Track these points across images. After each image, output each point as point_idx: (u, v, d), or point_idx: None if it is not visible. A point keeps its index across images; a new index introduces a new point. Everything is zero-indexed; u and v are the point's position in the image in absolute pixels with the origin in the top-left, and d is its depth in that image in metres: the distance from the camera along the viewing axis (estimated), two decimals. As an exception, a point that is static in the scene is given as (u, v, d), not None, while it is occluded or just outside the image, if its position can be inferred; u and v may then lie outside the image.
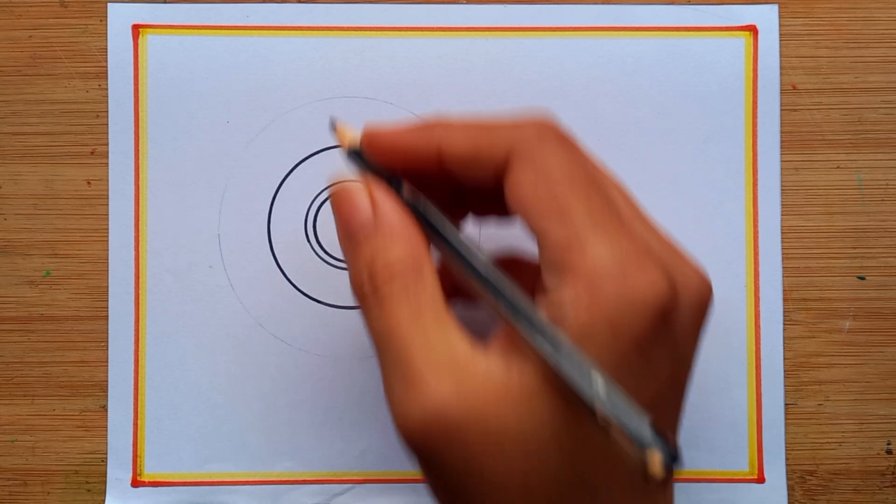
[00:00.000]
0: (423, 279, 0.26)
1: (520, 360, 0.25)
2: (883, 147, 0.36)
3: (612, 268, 0.24)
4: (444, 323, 0.25)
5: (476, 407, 0.24)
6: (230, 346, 0.36)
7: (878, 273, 0.36)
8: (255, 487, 0.36)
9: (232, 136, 0.36)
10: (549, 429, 0.24)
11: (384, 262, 0.26)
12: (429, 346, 0.25)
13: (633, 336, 0.24)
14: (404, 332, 0.25)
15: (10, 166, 0.36)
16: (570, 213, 0.25)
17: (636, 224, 0.27)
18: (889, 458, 0.36)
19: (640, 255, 0.25)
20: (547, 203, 0.25)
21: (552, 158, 0.26)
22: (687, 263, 0.27)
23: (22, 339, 0.36)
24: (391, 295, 0.26)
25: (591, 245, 0.24)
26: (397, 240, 0.26)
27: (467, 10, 0.36)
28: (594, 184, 0.26)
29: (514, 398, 0.24)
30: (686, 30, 0.36)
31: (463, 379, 0.24)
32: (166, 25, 0.36)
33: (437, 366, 0.25)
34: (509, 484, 0.25)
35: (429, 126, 0.27)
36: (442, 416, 0.24)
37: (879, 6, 0.36)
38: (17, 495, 0.36)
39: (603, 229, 0.25)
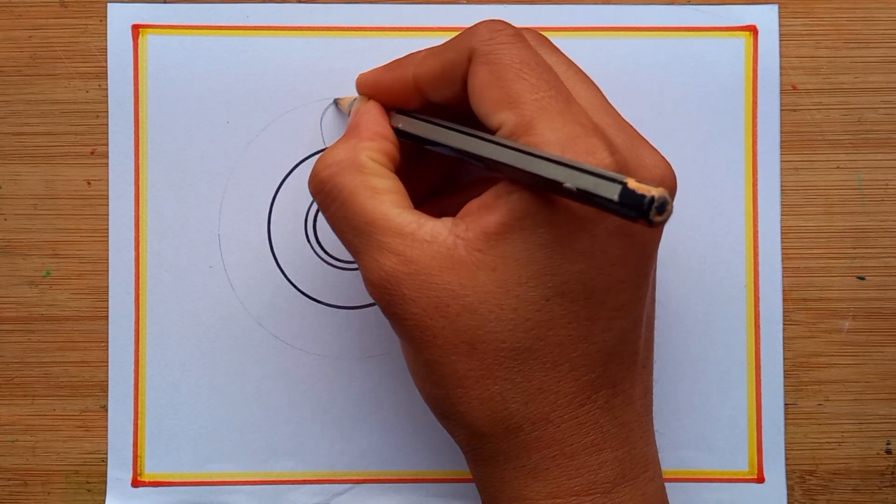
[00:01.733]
0: (364, 171, 0.28)
1: (473, 220, 0.26)
2: (883, 147, 0.36)
3: (556, 148, 0.25)
4: (394, 202, 0.28)
5: (421, 270, 0.26)
6: (230, 346, 0.36)
7: (878, 273, 0.36)
8: (255, 487, 0.36)
9: (232, 136, 0.36)
10: (499, 280, 0.26)
11: (332, 160, 0.29)
12: (377, 221, 0.27)
13: (575, 214, 0.26)
14: (362, 209, 0.28)
15: (10, 166, 0.36)
16: (520, 100, 0.26)
17: (596, 112, 0.28)
18: (888, 458, 0.36)
19: (586, 135, 0.26)
20: (498, 94, 0.27)
21: (503, 51, 0.27)
22: (646, 149, 0.28)
23: (22, 339, 0.36)
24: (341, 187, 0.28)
25: (537, 127, 0.26)
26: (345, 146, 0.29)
27: (467, 10, 0.36)
28: (545, 72, 0.27)
29: (458, 259, 0.26)
30: (686, 30, 0.36)
31: (411, 244, 0.27)
32: (166, 25, 0.36)
33: (387, 234, 0.27)
34: (458, 343, 0.27)
35: (402, 59, 0.31)
36: (393, 277, 0.27)
37: (879, 6, 0.36)
38: (17, 495, 0.36)
39: (548, 112, 0.26)
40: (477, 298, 0.26)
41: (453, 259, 0.26)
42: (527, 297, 0.26)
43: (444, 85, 0.29)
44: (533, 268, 0.26)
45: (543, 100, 0.26)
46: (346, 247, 0.29)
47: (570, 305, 0.26)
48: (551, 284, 0.26)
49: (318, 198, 0.29)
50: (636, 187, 0.23)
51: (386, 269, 0.27)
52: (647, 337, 0.29)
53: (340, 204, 0.28)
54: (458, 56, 0.28)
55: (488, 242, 0.26)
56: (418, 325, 0.27)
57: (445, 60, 0.29)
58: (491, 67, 0.27)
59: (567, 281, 0.26)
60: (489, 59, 0.27)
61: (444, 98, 0.29)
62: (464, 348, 0.26)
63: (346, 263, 0.36)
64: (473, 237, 0.26)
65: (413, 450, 0.36)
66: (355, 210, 0.28)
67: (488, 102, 0.27)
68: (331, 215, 0.29)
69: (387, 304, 0.27)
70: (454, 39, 0.29)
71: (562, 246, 0.26)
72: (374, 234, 0.27)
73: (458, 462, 0.36)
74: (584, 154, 0.25)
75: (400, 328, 0.28)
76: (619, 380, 0.28)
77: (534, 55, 0.27)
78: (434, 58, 0.29)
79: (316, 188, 0.29)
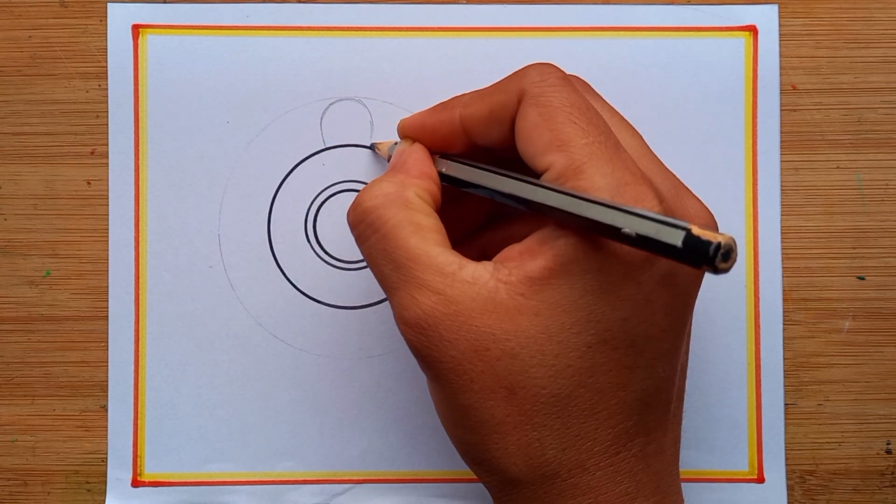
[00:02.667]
0: (410, 207, 0.28)
1: (516, 265, 0.26)
2: (883, 147, 0.36)
3: (606, 194, 0.25)
4: (436, 241, 0.27)
5: (461, 311, 0.26)
6: (230, 346, 0.36)
7: (878, 273, 0.36)
8: (256, 487, 0.36)
9: (232, 136, 0.36)
10: (541, 326, 0.26)
11: (379, 192, 0.28)
12: (419, 258, 0.27)
13: (622, 261, 0.25)
14: (405, 244, 0.27)
15: (10, 166, 0.36)
16: (570, 144, 0.26)
17: (641, 159, 0.28)
18: (888, 458, 0.36)
19: (635, 182, 0.26)
20: (548, 137, 0.26)
21: (553, 94, 0.27)
22: (689, 198, 0.28)
23: (22, 339, 0.36)
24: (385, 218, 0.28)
25: (588, 172, 0.26)
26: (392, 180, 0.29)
27: (467, 10, 0.36)
28: (595, 118, 0.27)
29: (499, 302, 0.26)
30: (686, 30, 0.36)
31: (451, 284, 0.26)
32: (166, 25, 0.36)
33: (428, 272, 0.26)
34: (497, 388, 0.26)
35: (448, 102, 0.30)
36: (431, 317, 0.26)
37: (879, 6, 0.36)
38: (17, 495, 0.36)
39: (598, 158, 0.26)
40: (518, 343, 0.26)
41: (494, 302, 0.26)
42: (569, 343, 0.26)
43: (492, 127, 0.29)
44: (577, 314, 0.25)
45: (593, 145, 0.26)
46: (381, 281, 0.28)
47: (612, 353, 0.26)
48: (594, 331, 0.26)
49: (359, 228, 0.28)
50: (700, 233, 0.22)
51: (424, 307, 0.26)
52: (680, 385, 0.29)
53: (382, 236, 0.27)
54: (507, 98, 0.28)
55: (532, 287, 0.26)
56: (455, 369, 0.26)
57: (494, 102, 0.28)
58: (541, 109, 0.27)
59: (610, 328, 0.26)
60: (540, 101, 0.27)
61: (491, 141, 0.29)
62: (503, 393, 0.26)
63: (346, 263, 0.36)
64: (516, 281, 0.26)
65: (413, 450, 0.36)
66: (397, 244, 0.27)
67: (537, 144, 0.27)
68: (370, 246, 0.28)
69: (421, 344, 0.27)
70: (502, 82, 0.29)
71: (607, 293, 0.25)
72: (413, 271, 0.27)
73: (458, 462, 0.36)
74: (632, 200, 0.25)
75: (434, 371, 0.27)
76: (654, 428, 0.27)
77: (583, 100, 0.27)
78: (482, 100, 0.29)
79: (357, 218, 0.28)
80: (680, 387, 0.29)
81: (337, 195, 0.36)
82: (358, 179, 0.36)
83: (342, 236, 0.36)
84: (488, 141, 0.29)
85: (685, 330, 0.28)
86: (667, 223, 0.23)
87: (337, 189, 0.36)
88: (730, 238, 0.22)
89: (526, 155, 0.27)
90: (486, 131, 0.29)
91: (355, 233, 0.29)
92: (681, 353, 0.28)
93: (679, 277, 0.26)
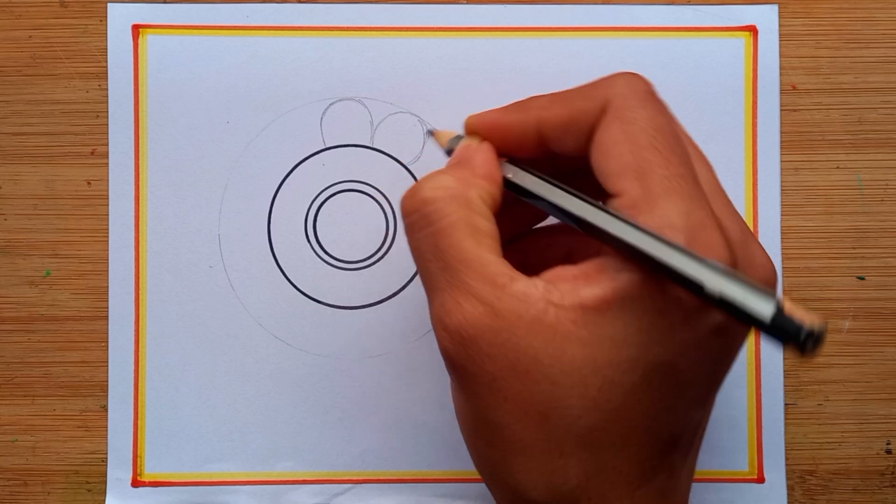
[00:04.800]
0: (471, 207, 0.26)
1: (570, 288, 0.25)
2: (883, 147, 0.36)
3: (680, 234, 0.24)
4: (491, 248, 0.26)
5: (506, 326, 0.25)
6: (230, 346, 0.36)
7: (878, 273, 0.36)
8: (256, 487, 0.36)
9: (232, 136, 0.36)
10: (588, 358, 0.24)
11: (439, 184, 0.27)
12: (472, 262, 0.25)
13: (682, 305, 0.24)
14: (459, 244, 0.26)
15: (10, 166, 0.36)
16: (649, 172, 0.25)
17: (713, 197, 0.27)
18: (889, 458, 0.36)
19: (707, 226, 0.24)
20: (627, 159, 0.25)
21: (640, 112, 0.26)
22: (755, 246, 0.27)
23: (22, 339, 0.36)
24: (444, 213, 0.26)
25: (662, 206, 0.24)
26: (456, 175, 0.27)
27: (467, 10, 0.36)
28: (678, 146, 0.26)
29: (547, 325, 0.24)
30: (686, 30, 0.36)
31: (500, 297, 0.25)
32: (166, 25, 0.36)
33: (479, 279, 0.25)
34: (531, 411, 0.25)
35: (524, 102, 0.28)
36: (475, 327, 0.25)
37: (879, 6, 0.36)
38: (17, 495, 0.36)
39: (677, 194, 0.24)
40: (561, 370, 0.24)
41: (542, 324, 0.24)
42: (614, 379, 0.24)
43: (570, 134, 0.27)
44: (628, 352, 0.24)
45: (673, 178, 0.25)
46: (425, 278, 0.27)
47: (654, 392, 0.25)
48: (642, 371, 0.25)
49: (413, 217, 0.27)
50: (792, 312, 0.21)
51: (468, 316, 0.25)
52: (705, 425, 0.29)
53: (436, 230, 0.26)
54: (590, 105, 0.26)
55: (585, 316, 0.24)
56: (490, 385, 0.25)
57: (575, 108, 0.27)
58: (625, 126, 0.25)
59: (658, 369, 0.25)
60: (626, 116, 0.26)
61: (566, 148, 0.27)
62: (536, 418, 0.25)
63: (346, 263, 0.36)
64: (569, 306, 0.24)
65: (413, 450, 0.36)
66: (451, 242, 0.26)
67: (615, 164, 0.25)
68: (420, 239, 0.27)
69: (458, 353, 0.25)
70: (586, 87, 0.27)
71: (662, 335, 0.24)
72: (463, 275, 0.25)
73: (458, 462, 0.36)
74: (704, 247, 0.24)
75: (467, 381, 0.26)
76: (676, 465, 0.27)
77: (669, 122, 0.26)
78: (562, 104, 0.27)
79: (413, 206, 0.27)
80: (704, 426, 0.29)
81: (337, 195, 0.36)
82: (358, 179, 0.36)
83: (342, 236, 0.36)
84: (563, 148, 0.27)
85: (725, 377, 0.27)
86: (757, 291, 0.22)
87: (337, 189, 0.36)
88: (823, 323, 0.21)
89: (600, 171, 0.26)
90: (562, 137, 0.27)
91: (407, 221, 0.27)
92: (713, 400, 0.28)
93: (732, 328, 0.26)
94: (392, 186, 0.36)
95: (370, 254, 0.36)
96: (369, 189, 0.36)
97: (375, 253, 0.36)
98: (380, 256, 0.36)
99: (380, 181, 0.36)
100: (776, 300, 0.22)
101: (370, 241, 0.36)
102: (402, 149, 0.36)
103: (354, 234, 0.36)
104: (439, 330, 0.26)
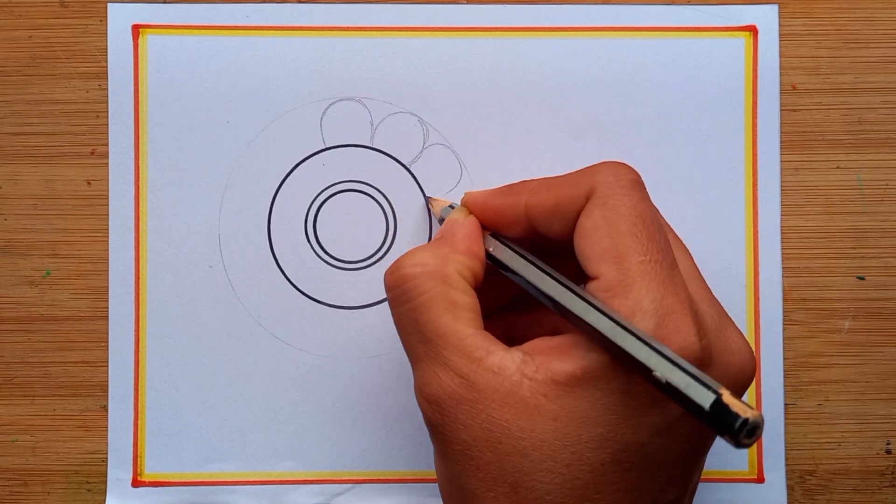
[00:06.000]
0: (448, 283, 0.27)
1: (543, 361, 0.25)
2: (883, 147, 0.36)
3: (649, 319, 0.25)
4: (469, 321, 0.27)
5: (480, 399, 0.26)
6: (230, 346, 0.36)
7: (878, 273, 0.36)
8: (256, 487, 0.36)
9: (232, 136, 0.36)
10: (558, 433, 0.25)
11: (419, 260, 0.28)
12: (449, 336, 0.26)
13: (650, 388, 0.25)
14: (437, 319, 0.27)
15: (10, 166, 0.36)
16: (626, 258, 0.26)
17: (691, 283, 0.27)
18: (889, 458, 0.36)
19: (678, 312, 0.25)
20: (606, 243, 0.26)
21: (623, 200, 0.27)
22: (732, 332, 0.28)
23: (22, 339, 0.36)
24: (422, 290, 0.27)
25: (635, 291, 0.25)
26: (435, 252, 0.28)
27: (467, 10, 0.36)
28: (658, 233, 0.26)
29: (520, 398, 0.25)
30: (686, 30, 0.36)
31: (476, 370, 0.26)
32: (166, 25, 0.36)
33: (455, 352, 0.26)
34: (501, 482, 0.26)
35: (515, 186, 0.30)
36: (451, 399, 0.26)
37: (879, 6, 0.36)
38: (17, 495, 0.36)
39: (651, 279, 0.25)
40: (531, 444, 0.25)
41: (516, 397, 0.25)
42: (583, 456, 0.25)
43: (556, 219, 0.28)
44: (596, 430, 0.25)
45: (649, 263, 0.26)
46: (406, 349, 0.28)
47: (624, 474, 0.25)
48: (610, 450, 0.25)
49: (394, 292, 0.28)
50: (730, 403, 0.22)
51: (445, 387, 0.26)
52: (688, 501, 0.29)
53: (415, 306, 0.27)
54: (575, 192, 0.28)
55: (556, 391, 0.25)
56: (464, 452, 0.26)
57: (561, 195, 0.28)
58: (606, 213, 0.26)
59: (626, 450, 0.25)
60: (608, 203, 0.27)
61: (553, 232, 0.29)
62: (505, 488, 0.26)
63: (346, 263, 0.36)
64: (541, 380, 0.25)
65: (413, 450, 0.36)
66: (429, 318, 0.27)
67: (594, 248, 0.26)
68: (401, 313, 0.28)
69: (437, 420, 0.27)
70: (573, 175, 0.28)
71: (630, 416, 0.25)
72: (440, 349, 0.27)
73: (458, 462, 0.36)
74: (674, 332, 0.25)
75: (444, 447, 0.27)
76: None
77: (650, 210, 0.27)
78: (549, 190, 0.28)
79: (394, 282, 0.28)
80: (687, 502, 0.29)
81: (337, 195, 0.36)
82: (358, 179, 0.36)
83: (342, 236, 0.36)
84: (550, 231, 0.29)
85: (703, 457, 0.28)
86: (700, 381, 0.23)
87: (337, 189, 0.36)
88: (758, 415, 0.22)
89: (581, 255, 0.27)
90: (549, 222, 0.28)
91: (389, 296, 0.29)
92: (693, 478, 0.28)
93: None
94: (392, 186, 0.36)
95: (370, 254, 0.36)
96: (369, 189, 0.36)
97: (375, 253, 0.36)
98: (380, 256, 0.36)
99: (380, 181, 0.36)
100: (717, 392, 0.22)
101: (370, 241, 0.36)
102: (402, 149, 0.36)
103: (354, 234, 0.36)
104: (419, 398, 0.27)
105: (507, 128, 0.36)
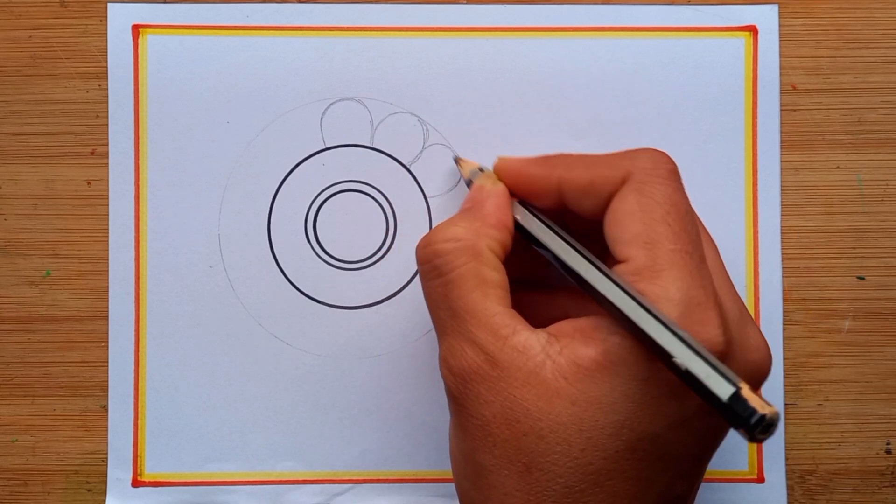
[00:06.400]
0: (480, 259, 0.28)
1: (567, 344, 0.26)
2: (883, 147, 0.36)
3: (675, 308, 0.25)
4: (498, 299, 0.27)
5: (503, 376, 0.26)
6: (230, 346, 0.36)
7: (878, 273, 0.36)
8: (256, 487, 0.36)
9: (232, 136, 0.36)
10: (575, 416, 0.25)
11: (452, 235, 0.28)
12: (478, 313, 0.27)
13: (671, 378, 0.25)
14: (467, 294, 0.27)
15: (10, 166, 0.36)
16: (657, 244, 0.26)
17: (717, 278, 0.27)
18: (888, 458, 0.36)
19: (704, 304, 0.25)
20: (638, 228, 0.26)
21: (659, 188, 0.27)
22: (752, 329, 0.28)
23: (22, 339, 0.36)
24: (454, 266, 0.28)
25: (663, 278, 0.25)
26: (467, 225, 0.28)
27: (467, 10, 0.36)
28: (690, 225, 0.27)
29: (542, 379, 0.26)
30: (686, 30, 0.36)
31: (501, 348, 0.26)
32: (166, 25, 0.36)
33: (483, 329, 0.26)
34: (516, 461, 0.26)
35: (551, 158, 0.30)
36: (476, 373, 0.26)
37: (879, 6, 0.36)
38: (17, 495, 0.36)
39: (680, 268, 0.26)
40: (548, 426, 0.25)
41: (538, 378, 0.26)
42: (598, 442, 0.25)
43: (588, 197, 0.28)
44: (613, 417, 0.25)
45: (679, 252, 0.26)
46: (434, 321, 0.28)
47: (637, 462, 0.26)
48: (625, 438, 0.25)
49: (426, 266, 0.28)
50: (749, 397, 0.22)
51: (470, 361, 0.26)
52: (693, 497, 0.29)
53: (447, 281, 0.28)
54: (612, 174, 0.28)
55: (576, 374, 0.25)
56: (483, 427, 0.26)
57: (597, 174, 0.28)
58: (641, 199, 0.27)
59: (641, 439, 0.25)
60: (644, 189, 0.27)
61: (583, 209, 0.29)
62: (519, 467, 0.26)
63: (346, 263, 0.36)
64: (564, 363, 0.25)
65: (413, 450, 0.36)
66: (459, 293, 0.27)
67: (625, 232, 0.26)
68: (432, 288, 0.28)
69: (459, 393, 0.27)
70: (610, 157, 0.28)
71: (648, 405, 0.25)
72: (468, 324, 0.27)
73: (458, 462, 0.36)
74: (698, 323, 0.25)
75: (463, 420, 0.27)
76: None
77: (685, 201, 0.27)
78: (586, 168, 0.28)
79: (426, 257, 0.28)
80: (692, 498, 0.29)
81: (337, 195, 0.36)
82: (358, 179, 0.36)
83: (342, 236, 0.36)
84: (580, 209, 0.29)
85: (712, 454, 0.28)
86: (720, 372, 0.23)
87: (337, 189, 0.36)
88: (775, 412, 0.22)
89: (611, 237, 0.27)
90: (581, 199, 0.28)
91: (421, 269, 0.29)
92: (702, 474, 0.28)
93: None
94: (392, 186, 0.36)
95: (370, 254, 0.36)
96: (369, 189, 0.36)
97: (375, 253, 0.36)
98: (380, 256, 0.36)
99: (380, 181, 0.36)
100: (737, 385, 0.22)
101: (370, 241, 0.36)
102: (402, 149, 0.36)
103: (354, 234, 0.36)
104: (444, 369, 0.27)
105: (507, 128, 0.36)
